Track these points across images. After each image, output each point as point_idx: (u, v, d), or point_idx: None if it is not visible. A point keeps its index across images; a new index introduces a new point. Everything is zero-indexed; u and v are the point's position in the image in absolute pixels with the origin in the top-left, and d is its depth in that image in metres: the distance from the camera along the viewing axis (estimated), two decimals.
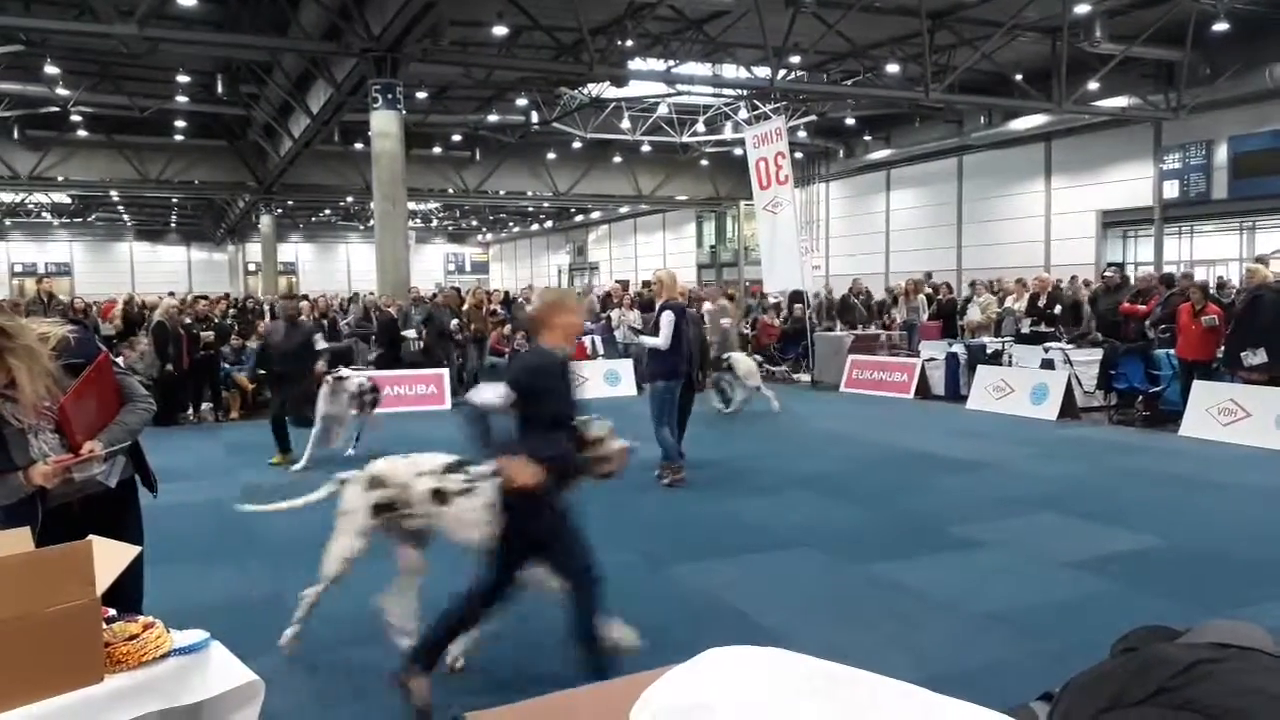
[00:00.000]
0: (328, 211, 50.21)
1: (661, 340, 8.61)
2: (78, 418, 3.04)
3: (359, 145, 28.23)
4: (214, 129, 30.84)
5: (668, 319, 8.51)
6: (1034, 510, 7.49)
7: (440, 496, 4.37)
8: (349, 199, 40.97)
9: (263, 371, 14.03)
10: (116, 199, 43.26)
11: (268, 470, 9.73)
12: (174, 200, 44.70)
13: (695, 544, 6.67)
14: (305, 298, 22.88)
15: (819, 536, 6.84)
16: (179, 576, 5.80)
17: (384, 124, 17.64)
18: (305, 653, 4.65)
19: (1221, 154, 22.18)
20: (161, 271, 49.92)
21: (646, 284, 31.38)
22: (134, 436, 3.27)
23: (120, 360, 5.85)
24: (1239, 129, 21.63)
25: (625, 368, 16.43)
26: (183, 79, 23.47)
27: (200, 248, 54.69)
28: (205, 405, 14.16)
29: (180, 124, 29.35)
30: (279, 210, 40.49)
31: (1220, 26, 18.46)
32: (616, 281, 28.63)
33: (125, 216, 50.16)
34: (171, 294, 20.95)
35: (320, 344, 10.75)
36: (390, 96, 17.43)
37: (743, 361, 13.23)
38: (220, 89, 24.42)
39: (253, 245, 46.68)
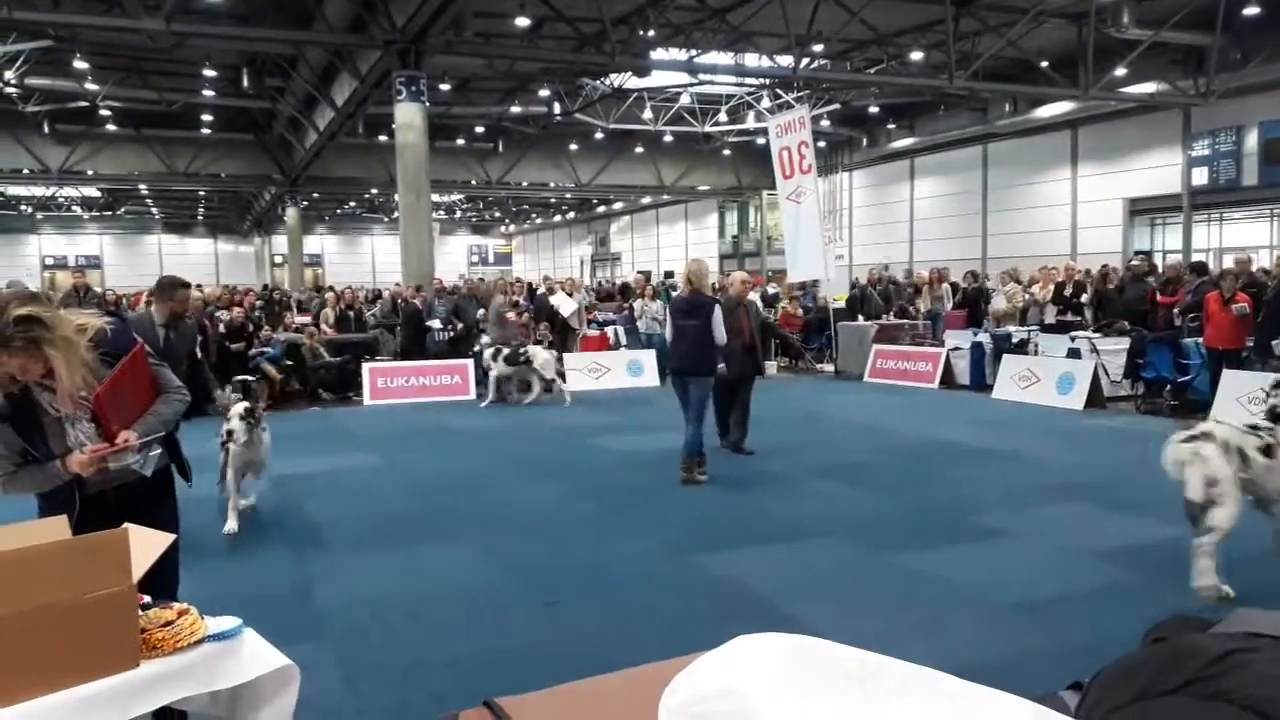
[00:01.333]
0: (352, 204, 50.50)
1: (666, 333, 8.97)
2: (113, 408, 3.08)
3: (383, 138, 28.37)
4: (240, 122, 31.10)
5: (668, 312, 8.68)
6: (1060, 500, 7.44)
7: (1269, 452, 4.82)
8: (373, 191, 41.18)
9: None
10: (145, 192, 43.73)
11: (291, 461, 9.68)
12: (201, 193, 45.13)
13: (720, 533, 6.68)
14: (331, 289, 23.05)
15: (843, 526, 6.83)
16: (210, 565, 5.88)
17: (408, 116, 17.72)
18: (333, 642, 4.71)
19: (1252, 140, 21.85)
20: (189, 264, 50.35)
21: (668, 274, 31.39)
22: (169, 427, 3.32)
23: None
24: (1270, 114, 21.29)
25: (649, 358, 16.44)
26: (209, 73, 23.66)
27: (227, 240, 55.18)
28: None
29: (207, 118, 29.61)
30: (304, 203, 40.80)
31: (1251, 10, 18.16)
32: (639, 272, 28.61)
33: (153, 210, 50.68)
34: (199, 287, 21.17)
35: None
36: (414, 89, 17.50)
37: (539, 354, 13.83)
38: (246, 82, 24.60)
39: (279, 237, 47.05)
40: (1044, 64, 21.17)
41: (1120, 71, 20.71)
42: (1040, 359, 13.60)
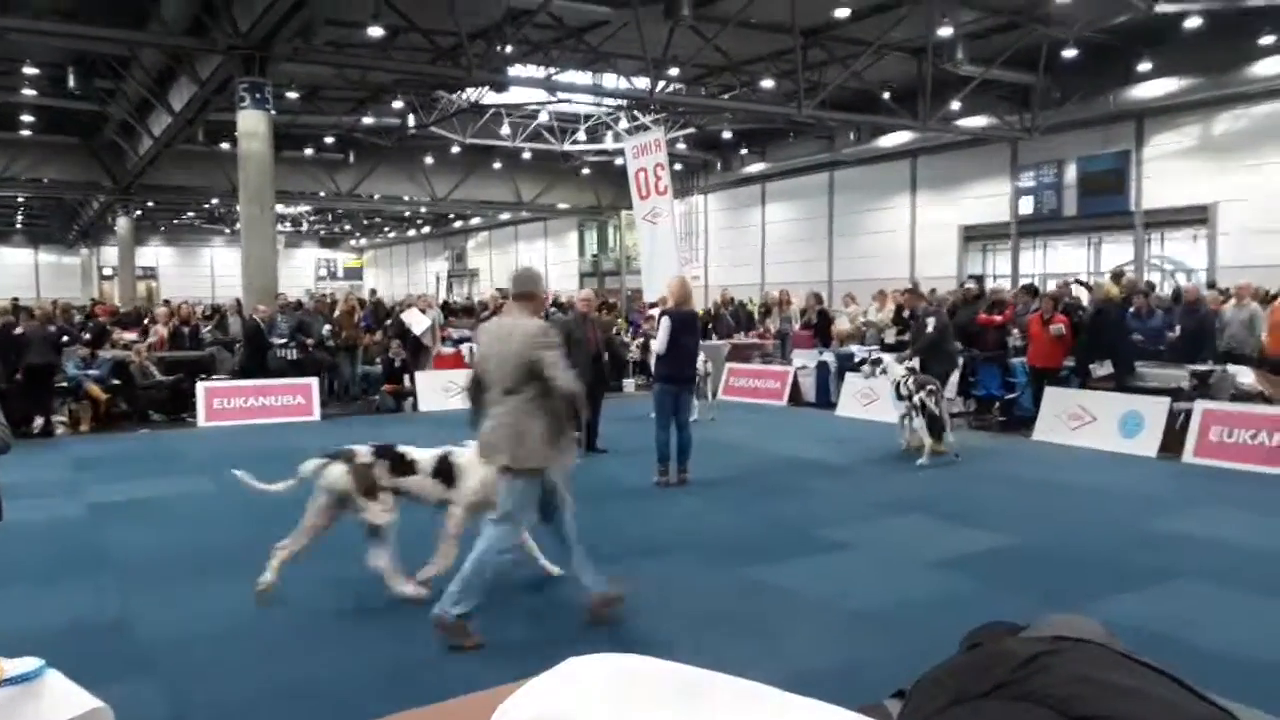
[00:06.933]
0: (191, 214, 48.02)
1: (660, 346, 9.06)
2: None
3: (225, 145, 27.03)
4: (65, 125, 29.03)
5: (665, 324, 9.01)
6: (899, 513, 7.76)
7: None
8: (214, 201, 39.30)
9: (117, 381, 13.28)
10: None
11: (115, 486, 9.17)
12: (20, 199, 41.94)
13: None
14: (167, 303, 21.82)
15: (694, 541, 6.91)
16: (17, 600, 5.43)
17: (251, 124, 16.96)
18: (160, 678, 4.42)
19: (1071, 173, 23.57)
20: (5, 276, 46.73)
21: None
22: None
23: None
24: (1086, 150, 23.04)
25: None
26: (30, 71, 22.03)
27: (49, 250, 51.52)
28: (39, 420, 12.73)
29: (27, 118, 27.50)
30: (138, 212, 38.40)
31: (1070, 53, 19.59)
32: (496, 290, 28.29)
33: None
34: (15, 300, 19.69)
35: None
36: (258, 96, 16.77)
37: None
38: (72, 83, 22.99)
39: (108, 249, 44.29)
40: (886, 96, 22.23)
41: (955, 105, 21.95)
42: (880, 378, 14.14)
